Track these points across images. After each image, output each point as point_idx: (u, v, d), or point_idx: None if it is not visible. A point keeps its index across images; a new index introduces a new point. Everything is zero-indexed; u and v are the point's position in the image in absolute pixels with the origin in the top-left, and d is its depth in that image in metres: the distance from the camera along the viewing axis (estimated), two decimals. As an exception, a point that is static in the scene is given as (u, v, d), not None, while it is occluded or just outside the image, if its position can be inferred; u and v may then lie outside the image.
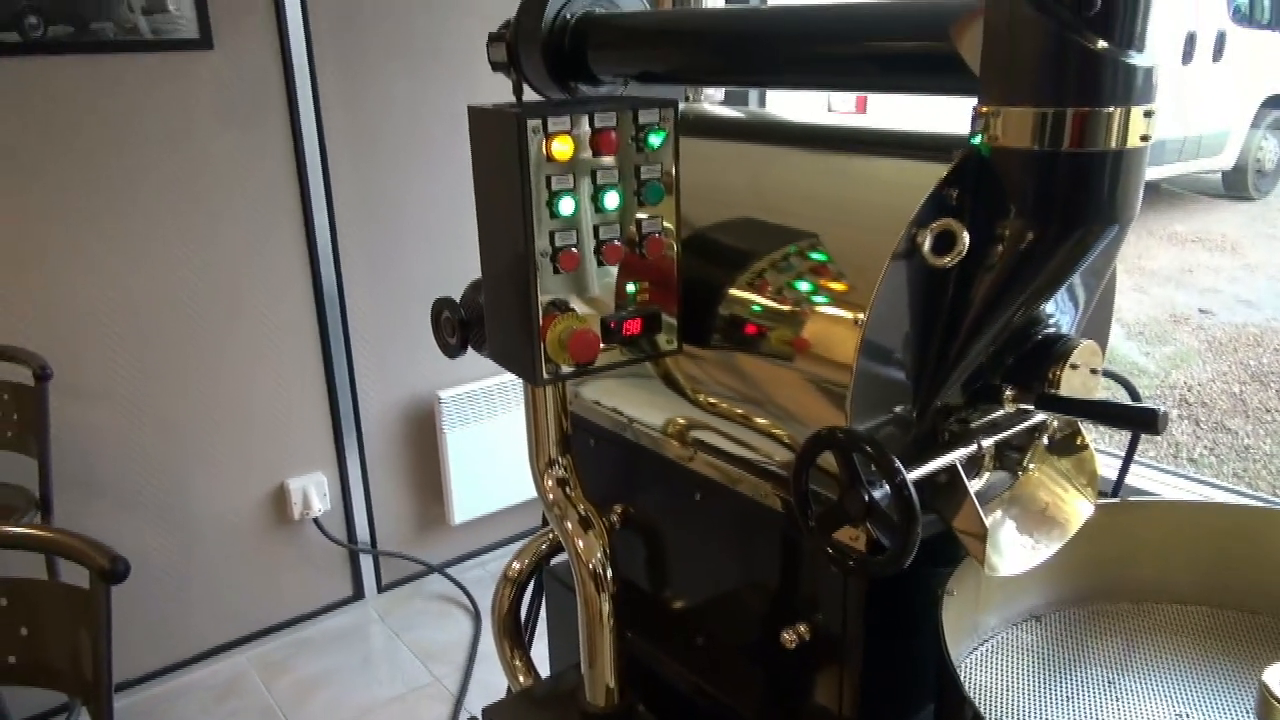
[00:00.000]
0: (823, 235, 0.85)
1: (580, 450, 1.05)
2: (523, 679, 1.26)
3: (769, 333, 0.86)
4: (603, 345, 0.87)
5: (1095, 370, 0.84)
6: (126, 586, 1.29)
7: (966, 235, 0.75)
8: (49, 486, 2.14)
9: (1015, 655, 0.97)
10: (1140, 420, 0.79)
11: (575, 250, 0.83)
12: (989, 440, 0.84)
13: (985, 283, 0.78)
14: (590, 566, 1.00)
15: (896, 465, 0.72)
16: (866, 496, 0.76)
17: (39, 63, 2.07)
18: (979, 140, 0.75)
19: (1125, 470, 1.11)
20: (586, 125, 0.82)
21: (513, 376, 0.91)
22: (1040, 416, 0.88)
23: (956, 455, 0.82)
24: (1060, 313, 0.86)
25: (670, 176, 0.87)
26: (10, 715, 2.15)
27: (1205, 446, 3.71)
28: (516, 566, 1.25)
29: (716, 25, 1.02)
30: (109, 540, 1.29)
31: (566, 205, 0.82)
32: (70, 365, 2.22)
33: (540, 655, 1.30)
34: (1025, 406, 0.85)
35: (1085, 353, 0.83)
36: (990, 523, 0.84)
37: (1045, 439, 0.91)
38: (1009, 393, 0.84)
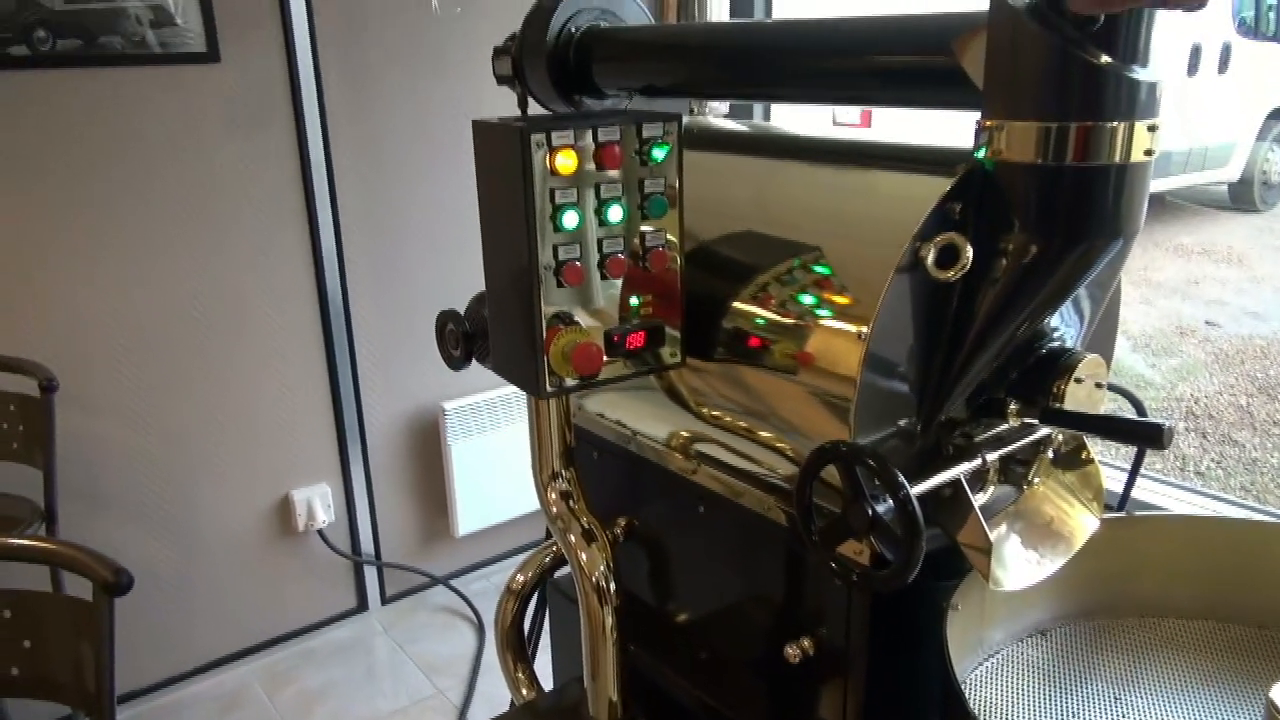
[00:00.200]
0: (826, 249, 0.85)
1: (584, 463, 1.05)
2: (525, 692, 1.25)
3: (772, 346, 0.86)
4: (606, 358, 0.87)
5: (1100, 384, 0.84)
6: (131, 598, 1.29)
7: (970, 249, 0.75)
8: (54, 498, 2.15)
9: (1020, 670, 0.96)
10: (1145, 435, 0.79)
11: (579, 264, 0.83)
12: (993, 454, 0.84)
13: (989, 297, 0.78)
14: (593, 579, 1.00)
15: (900, 479, 0.72)
16: (870, 510, 0.75)
17: (48, 76, 2.09)
18: (982, 154, 0.75)
19: (1131, 484, 1.10)
20: (590, 139, 0.82)
21: (517, 388, 0.91)
22: (1045, 430, 0.88)
23: (960, 469, 0.81)
24: (1065, 326, 0.86)
25: (674, 190, 0.87)
26: (14, 726, 2.15)
27: (1212, 459, 3.70)
28: (520, 579, 1.25)
29: (720, 39, 1.03)
30: (113, 551, 1.29)
31: (570, 219, 0.82)
32: (76, 376, 2.22)
33: (544, 668, 1.29)
34: (1029, 420, 0.84)
35: (1090, 366, 0.82)
36: (995, 537, 0.84)
37: (1050, 453, 0.91)
38: (1013, 407, 0.83)
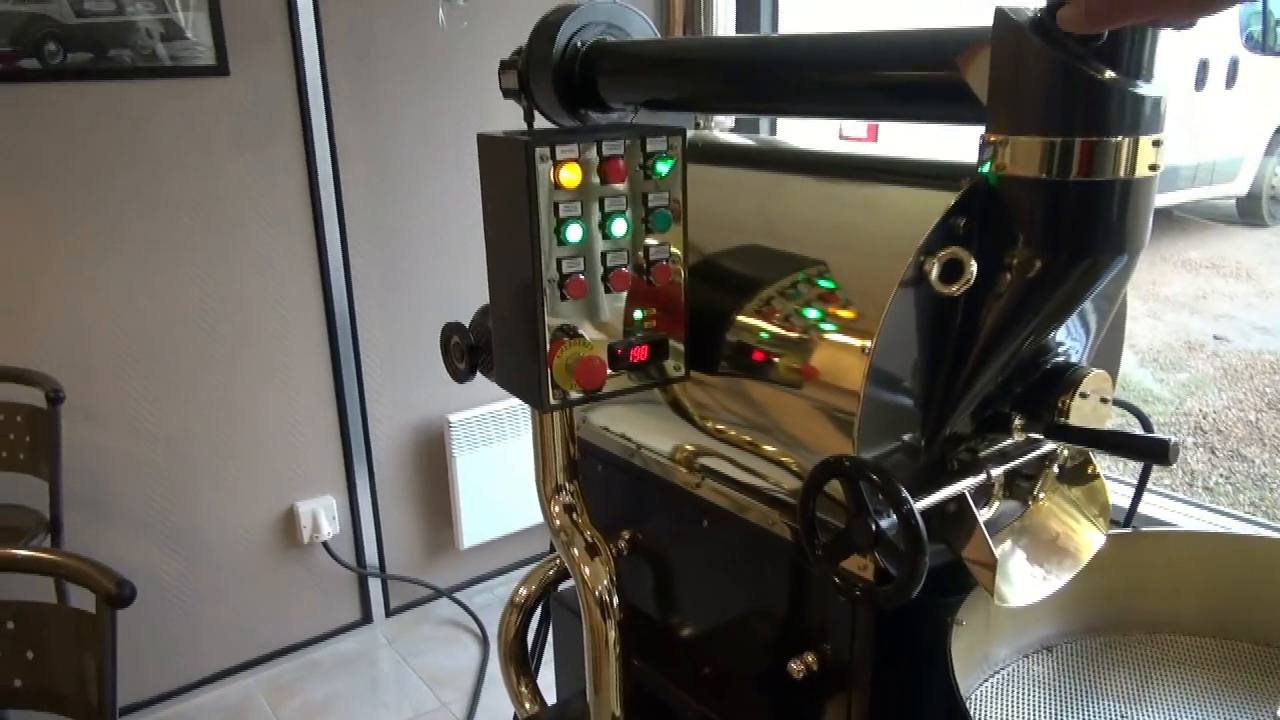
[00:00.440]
0: (830, 263, 0.85)
1: (588, 476, 1.04)
2: (528, 706, 1.25)
3: (776, 359, 0.86)
4: (610, 372, 0.87)
5: (1106, 399, 0.84)
6: (135, 609, 1.29)
7: (974, 264, 0.75)
8: (59, 509, 2.15)
9: (1026, 687, 0.95)
10: (1151, 451, 0.79)
11: (583, 277, 0.83)
12: (998, 469, 0.83)
13: (993, 311, 0.78)
14: (596, 593, 0.99)
15: (903, 494, 0.71)
16: (874, 525, 0.75)
17: (58, 89, 2.10)
18: (987, 169, 0.75)
19: (1138, 500, 1.10)
20: (594, 153, 0.82)
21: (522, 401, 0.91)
22: (1050, 446, 0.87)
23: (965, 484, 0.81)
24: (1070, 340, 0.86)
25: (678, 204, 0.87)
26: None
27: (1221, 475, 3.68)
28: (523, 592, 1.24)
29: (725, 53, 1.03)
30: (118, 562, 1.29)
31: (574, 232, 0.82)
32: (82, 387, 2.23)
33: (548, 682, 1.29)
34: (1034, 436, 0.84)
35: (1095, 381, 0.82)
36: (1000, 553, 0.83)
37: (1056, 468, 0.91)
38: (1018, 422, 0.83)
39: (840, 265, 0.84)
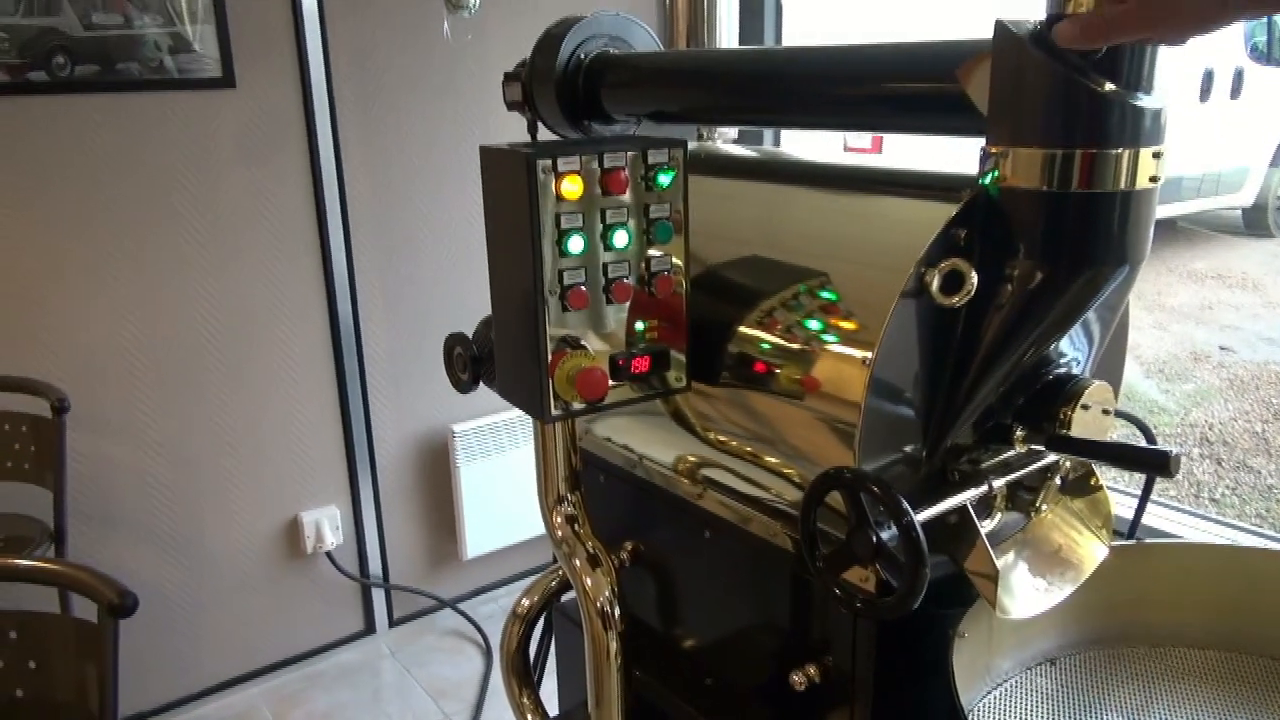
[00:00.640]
0: (831, 274, 0.85)
1: (591, 486, 1.04)
2: (530, 718, 1.24)
3: (778, 371, 0.86)
4: (611, 383, 0.87)
5: (1107, 410, 0.83)
6: (139, 619, 1.29)
7: (975, 275, 0.75)
8: (63, 518, 2.15)
9: (1029, 700, 0.95)
10: (1152, 462, 0.78)
11: (584, 288, 0.84)
12: (1000, 481, 0.83)
13: (994, 323, 0.78)
14: (598, 604, 0.99)
15: (904, 506, 0.71)
16: (875, 537, 0.75)
17: (66, 100, 2.12)
18: (987, 180, 0.75)
19: (1141, 511, 1.09)
20: (596, 165, 0.82)
21: (524, 412, 0.91)
22: (1052, 457, 0.87)
23: (966, 496, 0.81)
24: (1072, 351, 0.86)
25: (679, 215, 0.88)
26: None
27: (1228, 486, 3.66)
28: (526, 603, 1.24)
29: (727, 66, 1.03)
30: (122, 572, 1.29)
31: (576, 244, 0.83)
32: (86, 397, 2.24)
33: (551, 693, 1.28)
34: (1036, 447, 0.84)
35: (1097, 393, 0.82)
36: (1002, 564, 0.83)
37: (1058, 479, 0.90)
38: (1019, 433, 0.83)
39: (841, 277, 0.84)
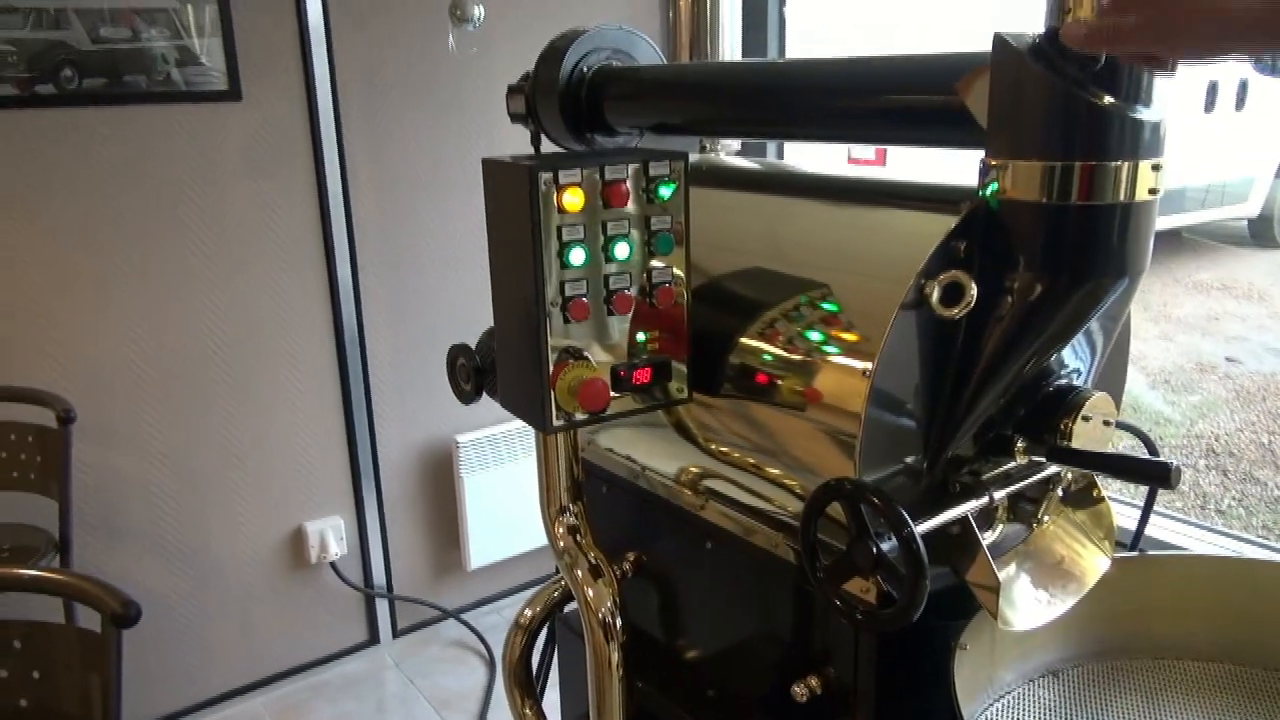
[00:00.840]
0: (832, 285, 0.85)
1: (593, 497, 1.05)
2: (533, 729, 1.24)
3: (779, 382, 0.86)
4: (613, 394, 0.87)
5: (1109, 422, 0.83)
6: (143, 629, 1.29)
7: (974, 287, 0.75)
8: (69, 528, 2.16)
9: (1031, 712, 0.95)
10: (1153, 474, 0.78)
11: (586, 300, 0.84)
12: (1001, 492, 0.83)
13: (994, 334, 0.78)
14: (599, 615, 0.99)
15: (904, 517, 0.71)
16: (875, 548, 0.75)
17: (73, 114, 2.13)
18: (987, 192, 0.75)
19: (1144, 523, 1.09)
20: (598, 177, 0.83)
21: (527, 423, 0.91)
22: (1054, 468, 0.87)
23: (967, 507, 0.81)
24: (1074, 362, 0.86)
25: (680, 227, 0.88)
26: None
27: (1234, 498, 3.65)
28: (528, 614, 1.24)
29: (729, 78, 1.04)
30: (127, 582, 1.29)
31: (577, 255, 0.83)
32: (92, 408, 2.24)
33: (554, 705, 1.28)
34: (1037, 459, 0.84)
35: (1098, 404, 0.82)
36: (1004, 576, 0.83)
37: (1060, 491, 0.90)
38: (1020, 444, 0.83)
39: (841, 288, 0.85)
